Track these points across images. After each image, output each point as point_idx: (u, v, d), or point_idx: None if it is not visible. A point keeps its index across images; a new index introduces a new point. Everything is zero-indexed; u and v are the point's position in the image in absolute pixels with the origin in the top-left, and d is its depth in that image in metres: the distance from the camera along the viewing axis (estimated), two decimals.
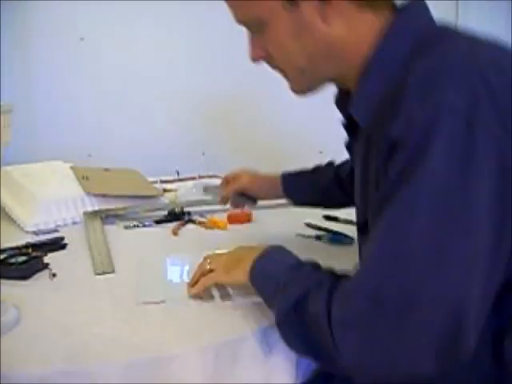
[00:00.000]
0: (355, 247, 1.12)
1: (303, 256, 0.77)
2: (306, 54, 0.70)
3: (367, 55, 0.68)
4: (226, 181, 1.23)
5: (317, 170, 1.17)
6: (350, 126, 0.75)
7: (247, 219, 1.29)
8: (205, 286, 0.85)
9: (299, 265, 0.74)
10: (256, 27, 0.71)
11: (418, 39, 0.65)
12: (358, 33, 0.67)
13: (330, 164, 1.18)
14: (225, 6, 0.74)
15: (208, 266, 0.86)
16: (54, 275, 0.94)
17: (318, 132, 1.95)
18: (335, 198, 1.14)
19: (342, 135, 0.83)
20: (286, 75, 0.76)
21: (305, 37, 0.68)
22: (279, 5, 0.66)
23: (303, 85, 0.75)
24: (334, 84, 0.78)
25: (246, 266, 0.77)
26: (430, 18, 0.70)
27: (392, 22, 0.67)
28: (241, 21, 0.72)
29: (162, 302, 0.85)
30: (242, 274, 0.78)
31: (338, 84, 0.78)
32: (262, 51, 0.73)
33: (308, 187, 1.15)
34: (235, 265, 0.81)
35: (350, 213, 1.30)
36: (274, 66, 0.75)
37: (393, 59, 0.65)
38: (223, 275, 0.83)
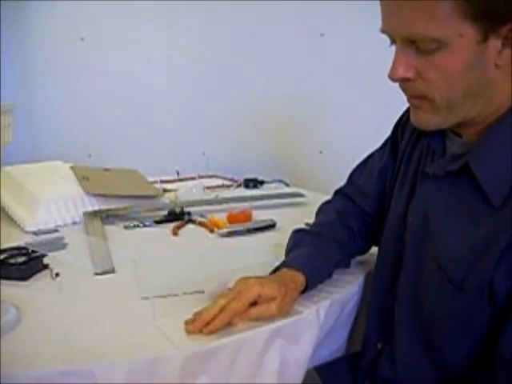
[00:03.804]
0: None
1: None
2: (465, 89, 0.67)
3: (503, 109, 0.68)
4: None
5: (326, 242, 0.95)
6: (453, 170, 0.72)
7: (247, 219, 1.29)
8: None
9: None
10: (430, 46, 0.65)
11: None
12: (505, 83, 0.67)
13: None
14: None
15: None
16: (57, 274, 0.94)
17: (318, 132, 1.96)
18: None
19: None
20: (420, 104, 0.71)
21: (475, 72, 0.65)
22: (472, 35, 0.63)
23: (437, 120, 0.71)
24: (452, 124, 0.73)
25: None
26: None
27: None
28: (414, 34, 0.65)
29: (164, 296, 0.85)
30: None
31: (455, 126, 0.74)
32: (411, 71, 0.68)
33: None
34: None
35: None
36: (414, 90, 0.70)
37: None
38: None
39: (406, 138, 0.89)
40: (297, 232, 0.97)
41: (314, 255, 0.89)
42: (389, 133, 0.98)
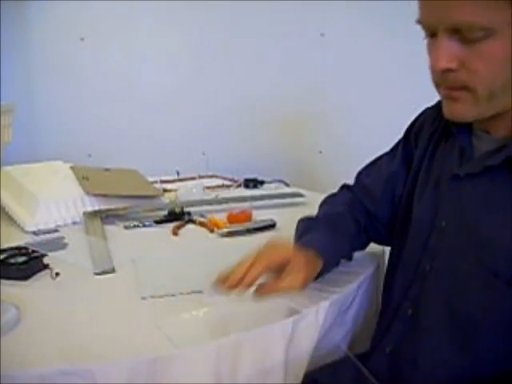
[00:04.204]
0: None
1: None
2: (506, 80, 0.66)
3: None
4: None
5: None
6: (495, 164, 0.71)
7: (247, 219, 1.29)
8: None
9: None
10: (477, 35, 0.63)
11: None
12: None
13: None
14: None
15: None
16: (57, 274, 0.94)
17: (318, 132, 1.96)
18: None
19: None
20: (461, 95, 0.69)
21: None
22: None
23: (475, 112, 0.70)
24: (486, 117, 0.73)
25: None
26: None
27: None
28: (461, 23, 0.63)
29: (164, 296, 0.85)
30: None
31: (488, 119, 0.73)
32: (455, 62, 0.66)
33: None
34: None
35: None
36: (456, 81, 0.68)
37: None
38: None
39: (423, 143, 0.87)
40: (306, 219, 0.97)
41: (328, 242, 0.88)
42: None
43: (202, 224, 1.27)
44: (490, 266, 0.70)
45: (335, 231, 0.91)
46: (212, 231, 1.22)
